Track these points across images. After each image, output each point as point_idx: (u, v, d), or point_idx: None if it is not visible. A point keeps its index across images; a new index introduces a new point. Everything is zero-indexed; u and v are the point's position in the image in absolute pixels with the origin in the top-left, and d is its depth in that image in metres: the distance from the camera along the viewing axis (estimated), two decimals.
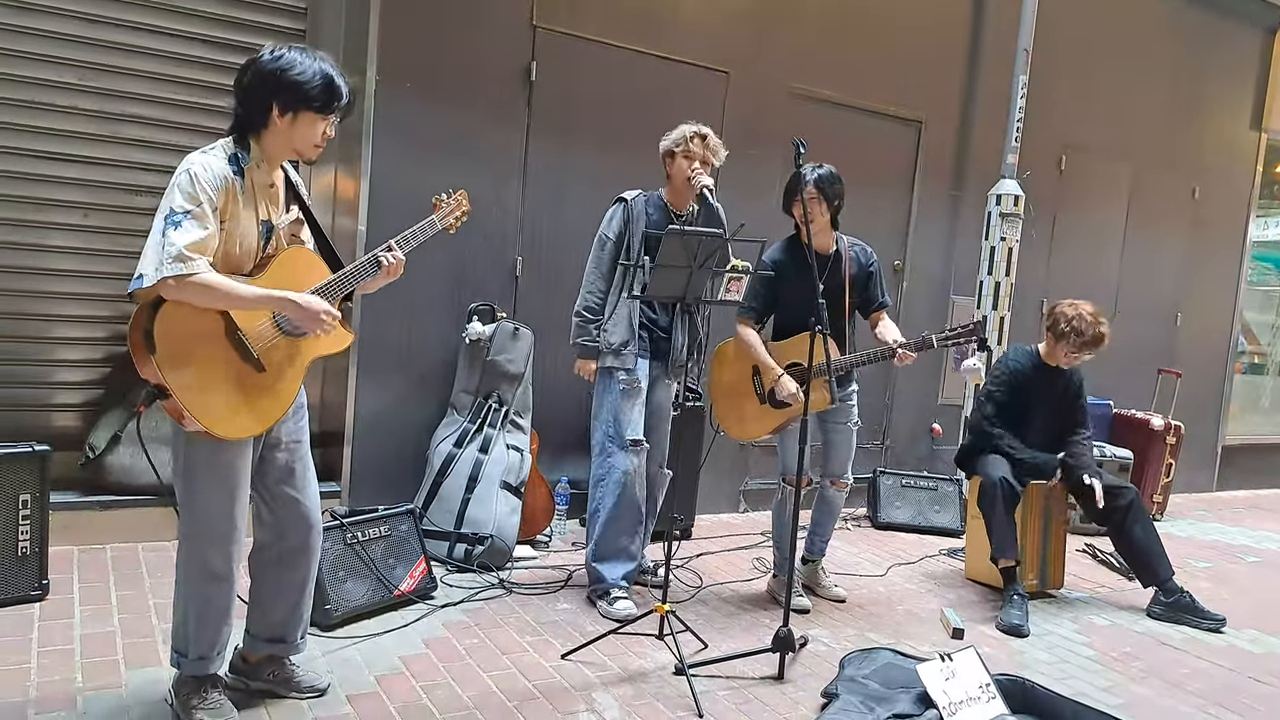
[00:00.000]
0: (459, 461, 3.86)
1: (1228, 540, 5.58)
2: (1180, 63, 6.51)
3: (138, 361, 2.11)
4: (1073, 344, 3.88)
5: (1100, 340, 3.89)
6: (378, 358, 3.98)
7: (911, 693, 2.69)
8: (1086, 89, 6.04)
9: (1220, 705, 3.07)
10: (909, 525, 5.02)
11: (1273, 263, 7.84)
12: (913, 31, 5.27)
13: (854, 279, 3.59)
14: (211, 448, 2.21)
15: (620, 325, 3.38)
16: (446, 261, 4.06)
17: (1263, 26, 6.89)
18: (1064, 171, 6.02)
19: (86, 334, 3.72)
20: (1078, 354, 3.93)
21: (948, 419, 5.66)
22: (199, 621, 2.31)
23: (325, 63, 2.21)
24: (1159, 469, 5.86)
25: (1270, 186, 7.46)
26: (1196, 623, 3.81)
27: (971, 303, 5.54)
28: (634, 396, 3.41)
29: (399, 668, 2.78)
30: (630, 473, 3.38)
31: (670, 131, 3.44)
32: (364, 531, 3.21)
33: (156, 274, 2.02)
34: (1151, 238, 6.56)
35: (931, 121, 5.45)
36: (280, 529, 2.44)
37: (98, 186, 3.65)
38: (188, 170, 2.10)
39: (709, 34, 4.63)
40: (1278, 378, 7.92)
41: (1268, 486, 7.52)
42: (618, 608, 3.33)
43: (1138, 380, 6.32)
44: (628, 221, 3.39)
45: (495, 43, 4.10)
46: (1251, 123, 7.01)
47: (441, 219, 2.61)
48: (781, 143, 4.81)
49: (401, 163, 3.88)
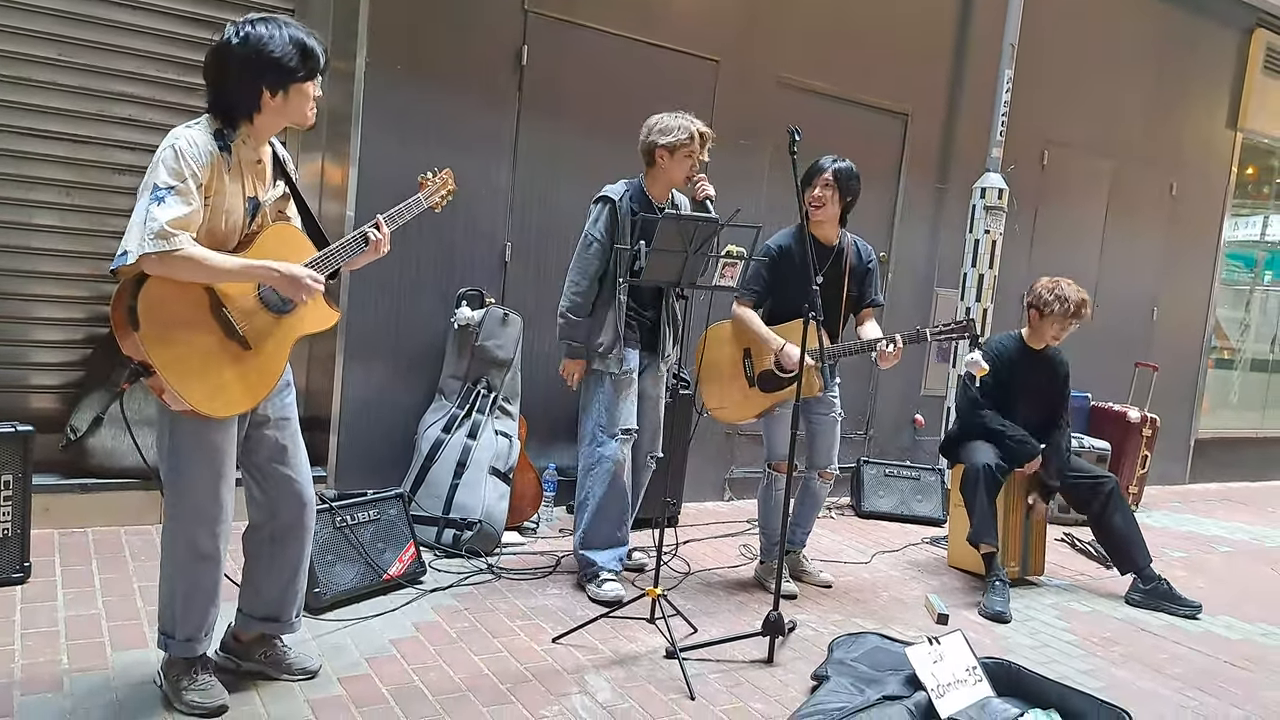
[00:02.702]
0: (447, 447, 3.85)
1: (1201, 531, 5.68)
2: (1161, 61, 6.60)
3: (120, 338, 2.08)
4: (1059, 313, 3.92)
5: (1084, 305, 3.96)
6: (365, 343, 3.95)
7: (900, 675, 2.72)
8: (1069, 85, 6.11)
9: (1198, 689, 3.13)
10: (892, 514, 5.06)
11: (1243, 261, 7.98)
12: (901, 25, 5.30)
13: (853, 272, 3.61)
14: (197, 426, 2.18)
15: (608, 329, 3.36)
16: (435, 246, 4.04)
17: (1239, 27, 7.00)
18: (1046, 166, 6.09)
19: (67, 314, 3.66)
20: (1065, 324, 3.97)
21: (930, 410, 5.71)
22: (186, 602, 2.29)
23: (291, 27, 2.18)
24: (1135, 461, 5.96)
25: (1244, 186, 7.59)
26: (1174, 610, 3.89)
27: (955, 295, 5.59)
28: (626, 387, 3.40)
29: (390, 650, 2.77)
30: (620, 462, 3.39)
31: (664, 125, 3.35)
32: (353, 515, 3.19)
33: (139, 250, 1.98)
34: (1130, 233, 6.65)
35: (918, 114, 5.48)
36: (273, 507, 2.42)
37: (80, 164, 3.59)
38: (173, 145, 2.06)
39: (699, 22, 4.63)
40: (1246, 373, 8.06)
41: (1238, 479, 7.67)
42: (606, 589, 3.34)
43: (1114, 373, 6.41)
44: (615, 221, 3.36)
45: (487, 26, 4.07)
46: (1228, 122, 7.12)
47: (427, 197, 2.60)
48: (771, 133, 4.83)
49: (390, 146, 3.85)
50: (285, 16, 2.22)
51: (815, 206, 3.50)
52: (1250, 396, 8.11)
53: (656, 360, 3.56)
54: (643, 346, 3.49)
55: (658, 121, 3.38)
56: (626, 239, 3.31)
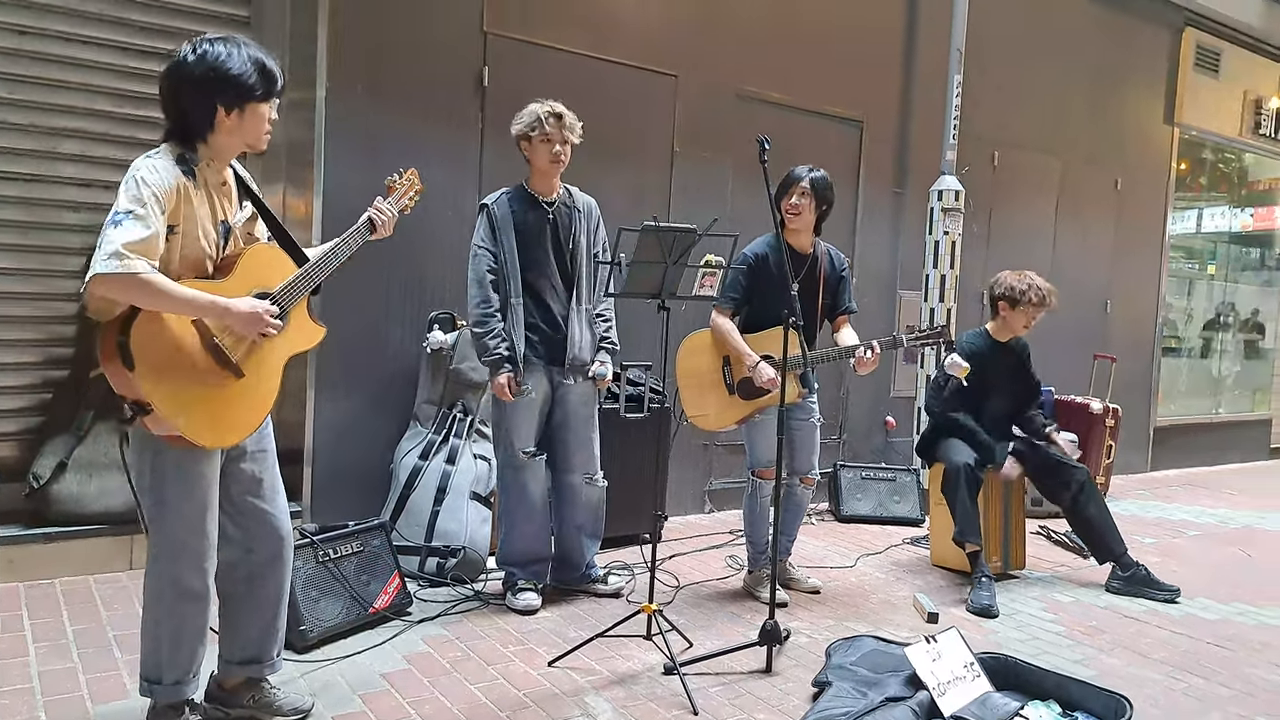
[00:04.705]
0: (426, 474, 3.78)
1: (1168, 517, 5.81)
2: (1100, 61, 6.80)
3: (113, 377, 2.01)
4: (1033, 302, 4.03)
5: (1053, 293, 4.11)
6: (336, 371, 3.88)
7: (900, 676, 2.72)
8: (1015, 87, 6.26)
9: (1186, 671, 3.18)
10: (871, 517, 5.09)
11: (1183, 251, 8.23)
12: (852, 34, 5.39)
13: (827, 280, 3.64)
14: (181, 460, 2.12)
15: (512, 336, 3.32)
16: (404, 270, 3.99)
17: (1171, 26, 7.24)
18: (997, 167, 6.22)
19: (22, 359, 3.53)
20: (1036, 313, 4.09)
21: (900, 411, 5.77)
22: (174, 644, 2.20)
23: (250, 47, 2.15)
24: (1100, 451, 6.07)
25: (1183, 180, 7.83)
26: (1153, 595, 3.95)
27: (918, 297, 5.66)
28: (526, 407, 3.34)
29: (383, 685, 2.70)
30: (525, 482, 3.39)
31: (520, 114, 3.32)
32: (336, 548, 3.11)
33: (90, 271, 1.91)
34: (1080, 229, 6.82)
35: (872, 122, 5.57)
36: (249, 543, 2.35)
37: (32, 204, 3.48)
38: (133, 175, 2.01)
39: (657, 38, 4.65)
40: (1193, 360, 8.29)
41: (1196, 465, 7.88)
42: (521, 599, 3.37)
43: (1073, 366, 6.55)
44: (494, 227, 3.32)
45: (447, 48, 4.05)
46: (1165, 117, 7.35)
47: (398, 201, 2.58)
48: (732, 145, 4.87)
49: (354, 173, 3.79)
50: (244, 37, 2.18)
51: (792, 215, 3.52)
52: (1199, 384, 8.35)
53: (573, 375, 3.41)
54: (548, 360, 3.38)
55: (518, 114, 3.35)
56: (509, 241, 3.30)
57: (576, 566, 3.59)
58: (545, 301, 3.38)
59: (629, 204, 4.43)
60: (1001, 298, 4.12)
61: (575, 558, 3.58)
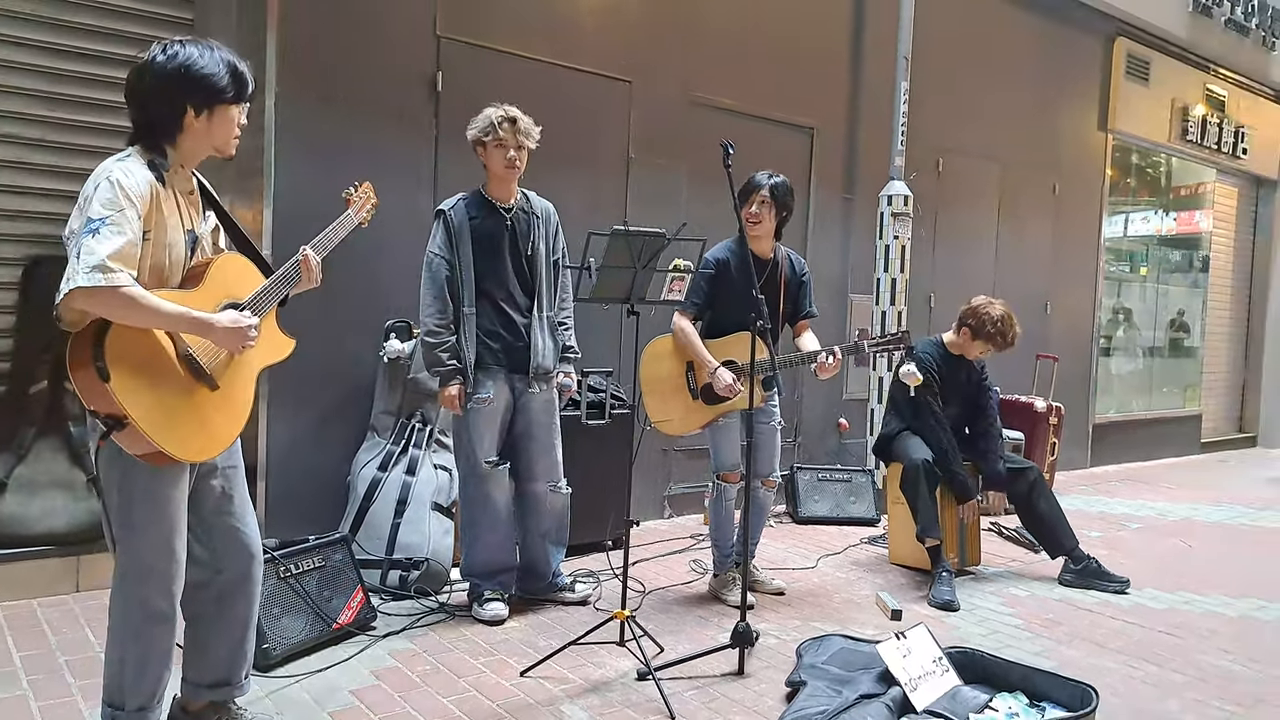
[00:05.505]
0: (385, 485, 3.71)
1: (1111, 511, 6.00)
2: (1037, 69, 7.01)
3: (86, 391, 1.92)
4: (993, 343, 4.10)
5: (1013, 343, 4.15)
6: (289, 383, 3.77)
7: (872, 672, 2.74)
8: (957, 94, 6.41)
9: (1142, 659, 3.28)
10: (829, 518, 5.15)
11: (1114, 254, 8.51)
12: (801, 42, 5.46)
13: (788, 285, 3.67)
14: (150, 478, 2.04)
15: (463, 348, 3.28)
16: (360, 278, 3.91)
17: (1103, 35, 7.50)
18: (942, 173, 6.36)
19: None
20: (989, 351, 4.17)
21: (853, 413, 5.85)
22: (139, 668, 2.11)
23: (222, 50, 2.11)
24: (1045, 448, 6.24)
25: (1115, 185, 8.10)
26: (1105, 586, 4.07)
27: (869, 300, 5.76)
28: (487, 417, 3.31)
29: (352, 702, 2.64)
30: (488, 492, 3.36)
31: (476, 118, 3.29)
32: (297, 564, 3.03)
33: (69, 284, 1.83)
34: (1020, 232, 7.01)
35: (822, 128, 5.65)
36: (218, 563, 2.27)
37: None
38: (107, 177, 1.93)
39: (611, 44, 4.65)
40: (1124, 358, 8.56)
41: (1133, 460, 8.15)
42: (488, 609, 3.33)
43: (1016, 366, 6.71)
44: (450, 234, 3.29)
45: (399, 53, 3.99)
46: (1099, 124, 7.61)
47: (356, 213, 2.53)
48: (686, 151, 4.90)
49: (305, 182, 3.70)
50: (215, 41, 2.13)
51: (752, 223, 3.55)
52: (1133, 382, 8.64)
53: (537, 383, 3.38)
54: (511, 368, 3.35)
55: (473, 119, 3.32)
56: (466, 248, 3.27)
57: (543, 575, 3.55)
58: (504, 309, 3.34)
59: (585, 210, 4.41)
60: (968, 324, 4.15)
61: (541, 567, 3.55)
